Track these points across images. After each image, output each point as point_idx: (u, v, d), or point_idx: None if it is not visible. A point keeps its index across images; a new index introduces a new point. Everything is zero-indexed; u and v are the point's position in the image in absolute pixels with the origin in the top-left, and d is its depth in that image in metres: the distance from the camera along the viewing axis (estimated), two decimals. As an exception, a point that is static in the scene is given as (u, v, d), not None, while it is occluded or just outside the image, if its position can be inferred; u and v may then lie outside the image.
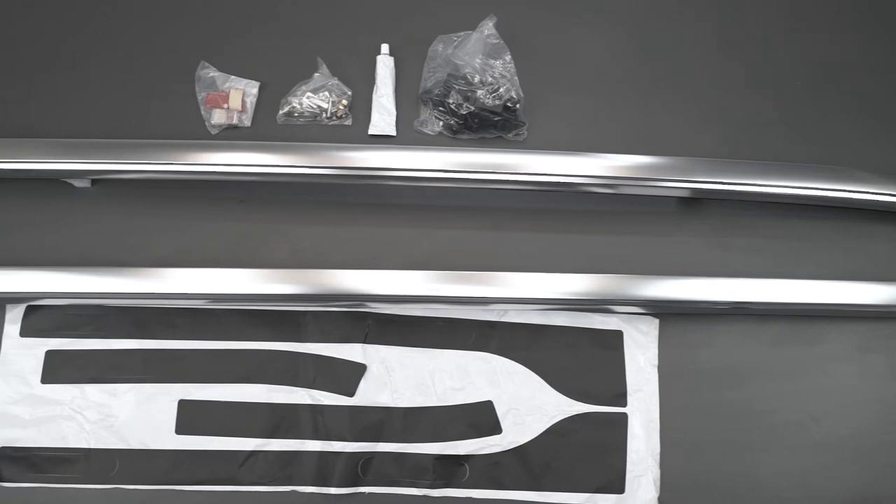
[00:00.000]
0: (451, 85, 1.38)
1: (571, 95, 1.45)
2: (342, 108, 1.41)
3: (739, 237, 1.37)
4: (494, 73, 1.38)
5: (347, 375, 1.26)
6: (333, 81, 1.42)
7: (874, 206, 1.33)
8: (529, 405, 1.26)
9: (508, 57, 1.40)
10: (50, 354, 1.26)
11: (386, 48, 1.45)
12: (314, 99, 1.41)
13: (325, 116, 1.41)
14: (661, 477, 1.24)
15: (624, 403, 1.27)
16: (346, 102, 1.42)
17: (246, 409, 1.25)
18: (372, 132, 1.41)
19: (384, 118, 1.41)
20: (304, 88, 1.41)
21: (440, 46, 1.43)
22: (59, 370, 1.25)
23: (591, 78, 1.47)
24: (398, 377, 1.27)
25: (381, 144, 1.40)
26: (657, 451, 1.25)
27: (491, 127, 1.39)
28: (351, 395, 1.26)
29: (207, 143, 1.35)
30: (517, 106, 1.39)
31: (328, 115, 1.41)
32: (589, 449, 1.25)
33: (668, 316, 1.31)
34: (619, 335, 1.30)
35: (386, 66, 1.43)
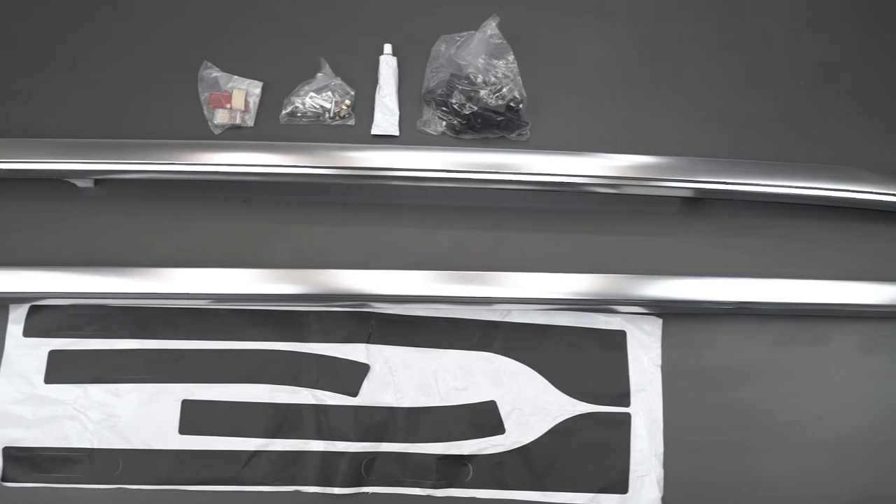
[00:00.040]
0: (453, 85, 1.38)
1: (574, 95, 1.45)
2: (345, 108, 1.41)
3: (742, 237, 1.37)
4: (497, 73, 1.39)
5: (351, 375, 1.26)
6: (336, 81, 1.42)
7: (877, 205, 1.33)
8: (533, 405, 1.26)
9: (511, 57, 1.40)
10: (53, 354, 1.26)
11: (389, 48, 1.45)
12: (317, 99, 1.41)
13: (328, 116, 1.41)
14: (664, 477, 1.24)
15: (627, 403, 1.27)
16: (348, 102, 1.42)
17: (249, 409, 1.24)
18: (375, 132, 1.41)
19: (387, 118, 1.41)
20: (307, 88, 1.41)
21: (443, 46, 1.43)
22: (62, 370, 1.25)
23: (594, 78, 1.48)
24: (401, 377, 1.27)
25: (383, 144, 1.40)
26: (661, 450, 1.25)
27: (494, 127, 1.39)
28: (354, 395, 1.26)
29: (210, 143, 1.35)
30: (520, 106, 1.39)
31: (331, 115, 1.41)
32: (592, 449, 1.25)
33: (671, 316, 1.31)
34: (622, 335, 1.30)
35: (389, 66, 1.43)
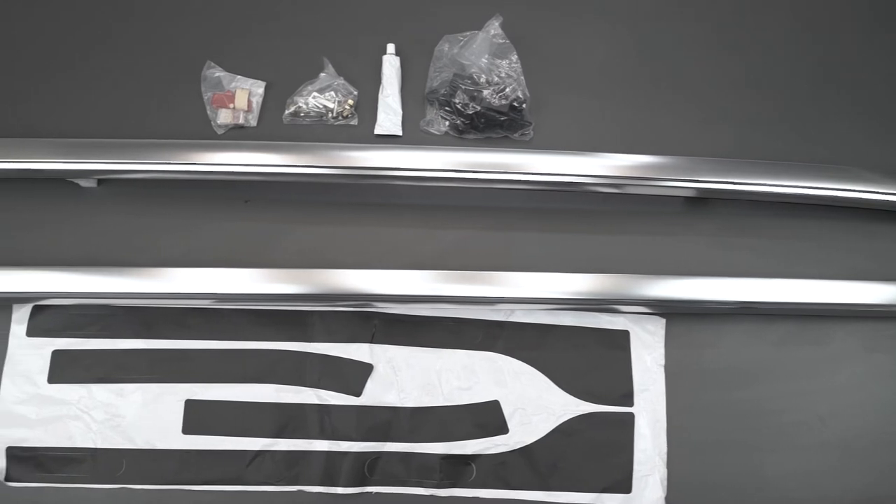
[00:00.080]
0: (457, 85, 1.38)
1: (578, 95, 1.45)
2: (348, 107, 1.41)
3: (745, 237, 1.37)
4: (500, 72, 1.39)
5: (354, 375, 1.26)
6: (339, 81, 1.42)
7: (881, 205, 1.33)
8: (536, 405, 1.26)
9: (514, 57, 1.40)
10: (56, 354, 1.26)
11: (392, 48, 1.45)
12: (320, 99, 1.41)
13: (330, 116, 1.41)
14: (668, 477, 1.24)
15: (631, 403, 1.27)
16: (351, 102, 1.42)
17: (253, 408, 1.24)
18: (378, 132, 1.41)
19: (390, 118, 1.41)
20: (309, 88, 1.41)
21: (446, 46, 1.43)
22: (65, 370, 1.25)
23: (597, 78, 1.48)
24: (405, 377, 1.27)
25: (386, 144, 1.40)
26: (664, 450, 1.25)
27: (497, 127, 1.39)
28: (358, 394, 1.26)
29: (213, 142, 1.35)
30: (523, 106, 1.39)
31: (334, 114, 1.41)
32: (596, 449, 1.25)
33: (674, 316, 1.31)
34: (625, 335, 1.30)
35: (392, 65, 1.43)
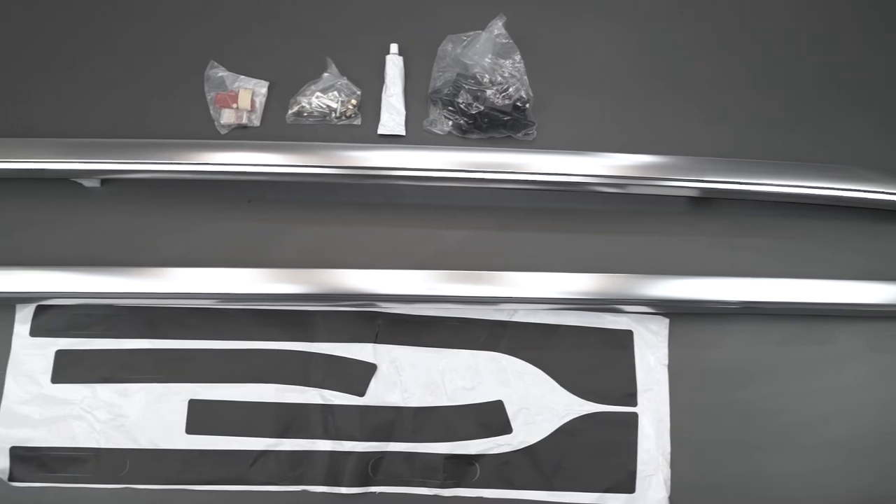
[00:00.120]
0: (460, 84, 1.38)
1: (581, 95, 1.45)
2: (351, 107, 1.41)
3: (749, 237, 1.37)
4: (504, 72, 1.38)
5: (358, 375, 1.26)
6: (343, 81, 1.42)
7: (886, 205, 1.33)
8: (540, 405, 1.26)
9: (518, 56, 1.40)
10: (60, 354, 1.26)
11: (395, 48, 1.45)
12: (323, 98, 1.41)
13: (334, 116, 1.41)
14: (671, 476, 1.24)
15: (634, 403, 1.27)
16: (355, 102, 1.41)
17: (256, 408, 1.24)
18: (381, 132, 1.41)
19: (393, 118, 1.41)
20: (313, 88, 1.41)
21: (449, 46, 1.43)
22: (69, 370, 1.25)
23: (600, 78, 1.47)
24: (408, 377, 1.27)
25: (390, 144, 1.40)
26: (668, 450, 1.25)
27: (500, 126, 1.39)
28: (361, 394, 1.25)
29: (217, 142, 1.35)
30: (527, 105, 1.39)
31: (337, 114, 1.41)
32: (599, 448, 1.25)
33: (678, 315, 1.31)
34: (629, 335, 1.30)
35: (395, 65, 1.43)
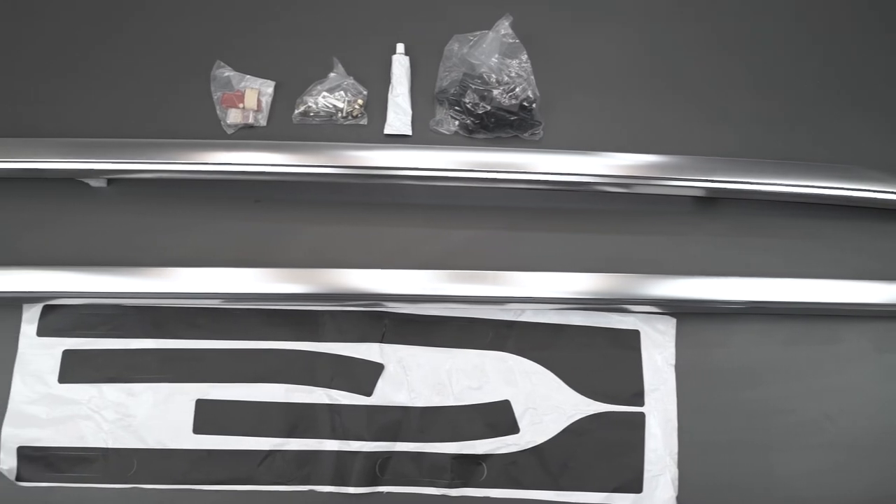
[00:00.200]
0: (466, 84, 1.38)
1: (587, 95, 1.45)
2: (358, 107, 1.41)
3: (755, 236, 1.37)
4: (510, 72, 1.39)
5: (365, 375, 1.26)
6: (349, 81, 1.42)
7: (893, 205, 1.33)
8: (547, 405, 1.26)
9: (525, 56, 1.40)
10: (67, 354, 1.26)
11: (401, 47, 1.45)
12: (330, 98, 1.41)
13: (340, 116, 1.41)
14: (679, 476, 1.24)
15: (641, 403, 1.27)
16: (361, 102, 1.42)
17: (263, 408, 1.24)
18: (387, 132, 1.41)
19: (400, 117, 1.41)
20: (319, 88, 1.41)
21: (456, 46, 1.43)
22: (76, 370, 1.25)
23: (607, 78, 1.47)
24: (415, 376, 1.27)
25: (396, 144, 1.40)
26: (675, 450, 1.25)
27: (507, 126, 1.39)
28: (368, 394, 1.26)
29: (223, 142, 1.35)
30: (533, 105, 1.39)
31: (344, 114, 1.41)
32: (606, 448, 1.25)
33: (685, 315, 1.31)
34: (636, 334, 1.30)
35: (401, 65, 1.43)
